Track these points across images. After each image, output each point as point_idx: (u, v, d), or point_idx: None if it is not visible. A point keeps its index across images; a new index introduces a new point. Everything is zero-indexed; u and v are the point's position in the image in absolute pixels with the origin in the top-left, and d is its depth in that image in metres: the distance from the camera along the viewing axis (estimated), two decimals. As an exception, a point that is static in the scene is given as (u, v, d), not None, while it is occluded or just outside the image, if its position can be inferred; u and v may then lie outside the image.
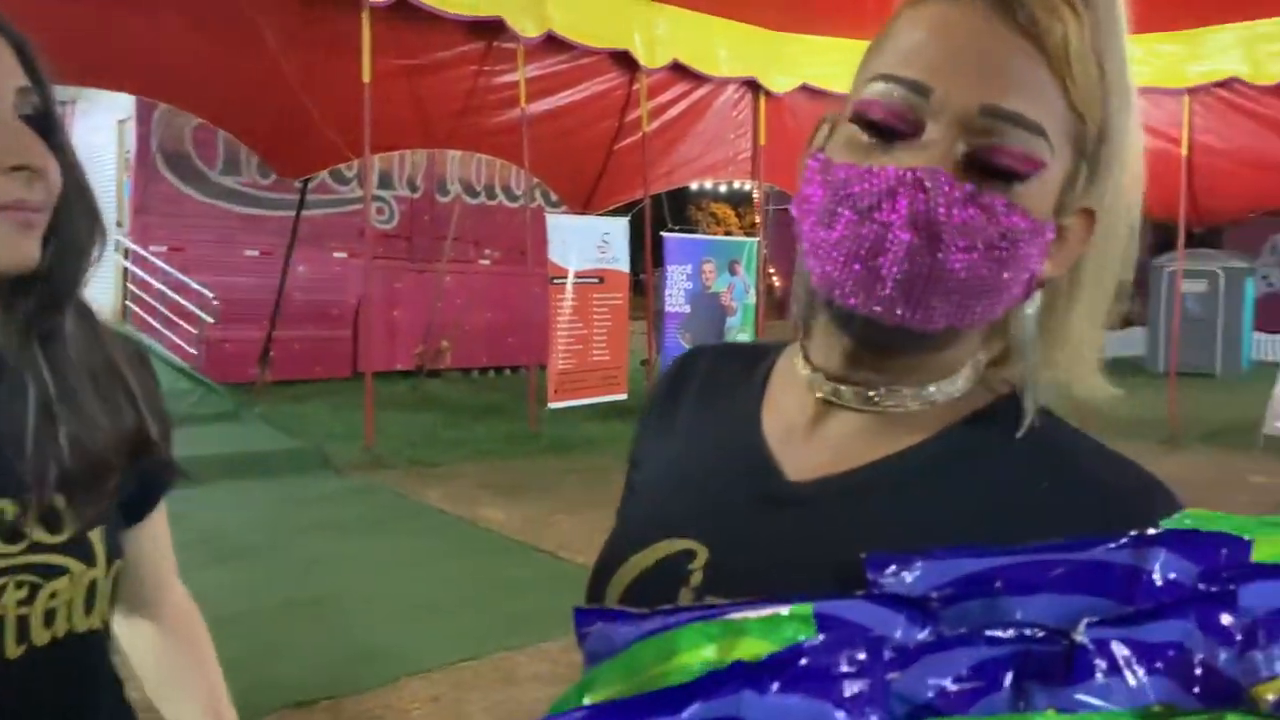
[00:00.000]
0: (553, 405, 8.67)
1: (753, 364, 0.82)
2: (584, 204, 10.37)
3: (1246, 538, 0.47)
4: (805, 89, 10.03)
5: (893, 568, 0.52)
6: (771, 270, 13.29)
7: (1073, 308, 0.69)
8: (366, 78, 7.44)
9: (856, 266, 0.62)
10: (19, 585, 0.87)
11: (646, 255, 9.99)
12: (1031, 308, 0.68)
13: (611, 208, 10.31)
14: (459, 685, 3.75)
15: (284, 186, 10.59)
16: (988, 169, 0.62)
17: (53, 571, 0.89)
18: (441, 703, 3.62)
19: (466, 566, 5.25)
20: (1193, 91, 8.86)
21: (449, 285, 12.17)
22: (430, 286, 12.12)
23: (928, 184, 0.60)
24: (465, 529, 6.01)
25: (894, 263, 0.61)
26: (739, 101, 10.36)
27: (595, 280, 8.84)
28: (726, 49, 9.55)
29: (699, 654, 0.48)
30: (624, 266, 9.15)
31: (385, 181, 12.30)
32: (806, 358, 0.73)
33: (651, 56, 9.06)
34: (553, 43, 8.50)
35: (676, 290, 9.57)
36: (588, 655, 0.53)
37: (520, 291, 11.49)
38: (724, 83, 9.96)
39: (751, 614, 0.49)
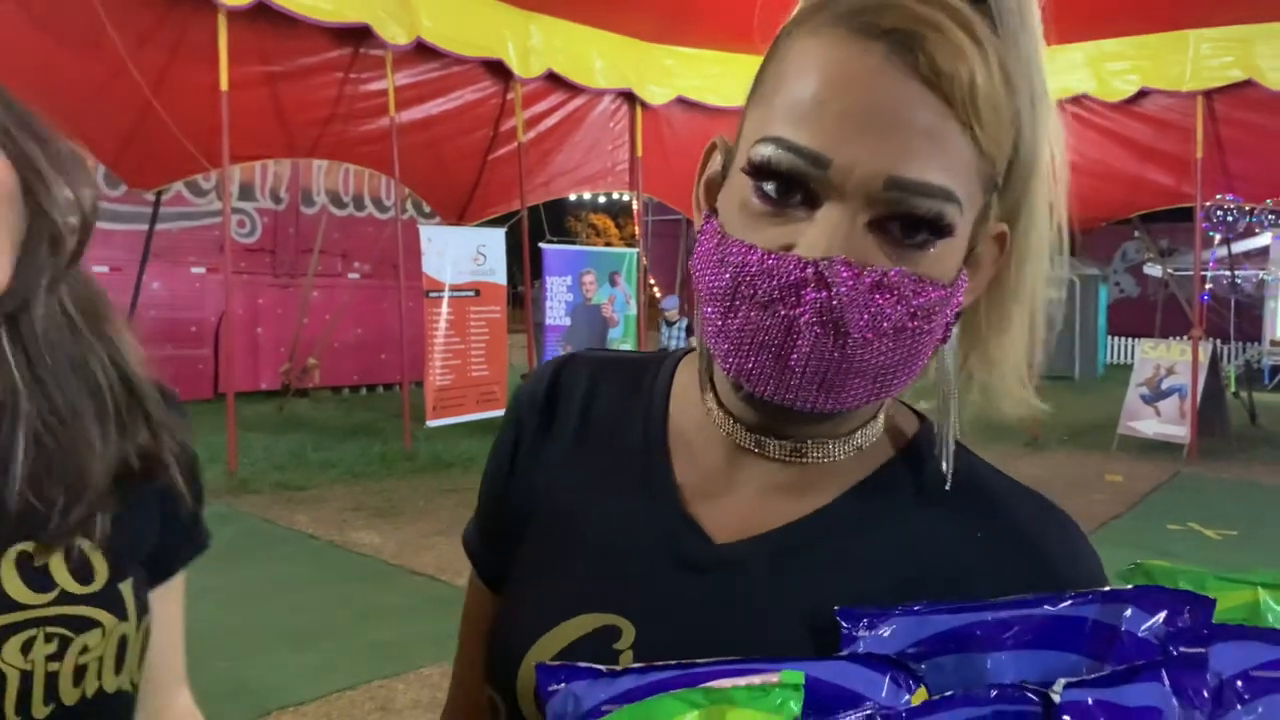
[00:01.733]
0: (431, 423, 8.44)
1: (637, 385, 0.75)
2: (459, 215, 10.17)
3: (1210, 596, 0.48)
4: (681, 101, 10.13)
5: (866, 621, 0.53)
6: (652, 281, 13.32)
7: (1002, 325, 0.66)
8: (224, 85, 7.09)
9: (764, 357, 0.58)
10: (49, 639, 0.77)
11: (525, 267, 9.85)
12: (949, 346, 0.65)
13: (487, 219, 10.14)
14: (334, 717, 3.58)
15: (135, 198, 10.04)
16: (893, 237, 0.58)
17: (84, 625, 0.79)
18: (314, 738, 3.43)
19: (338, 593, 5.02)
20: (1046, 107, 9.29)
21: (316, 300, 11.78)
22: (296, 302, 11.69)
23: (829, 279, 0.56)
24: (336, 554, 5.74)
25: (802, 358, 0.57)
26: (615, 112, 10.37)
27: (471, 293, 8.66)
28: (602, 60, 9.54)
29: None
30: (501, 279, 8.99)
31: (246, 193, 11.83)
32: (719, 402, 0.68)
33: (525, 66, 8.97)
34: (423, 50, 8.33)
35: (557, 302, 9.48)
36: (551, 717, 0.51)
37: (392, 306, 11.13)
38: (600, 94, 9.94)
39: (737, 681, 0.48)
